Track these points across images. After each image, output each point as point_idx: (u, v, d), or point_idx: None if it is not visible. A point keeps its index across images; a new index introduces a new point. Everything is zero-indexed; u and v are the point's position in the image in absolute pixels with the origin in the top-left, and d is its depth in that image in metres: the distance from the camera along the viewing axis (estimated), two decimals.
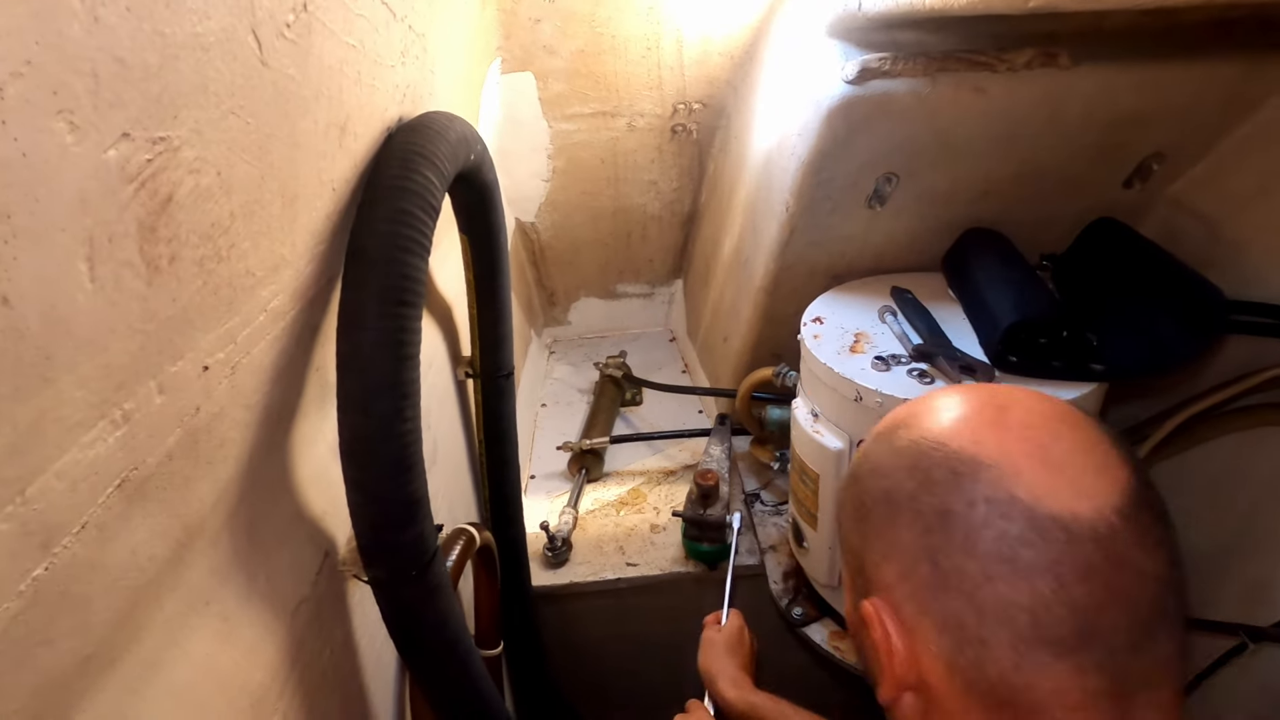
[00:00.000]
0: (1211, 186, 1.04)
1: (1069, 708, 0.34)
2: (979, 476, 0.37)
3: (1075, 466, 0.36)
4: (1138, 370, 0.85)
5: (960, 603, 0.36)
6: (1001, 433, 0.38)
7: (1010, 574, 0.35)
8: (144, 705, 0.42)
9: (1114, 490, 0.35)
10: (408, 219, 0.60)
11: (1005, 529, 0.35)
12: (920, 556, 0.38)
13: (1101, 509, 0.34)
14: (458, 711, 0.74)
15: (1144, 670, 0.34)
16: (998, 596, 0.35)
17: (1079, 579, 0.34)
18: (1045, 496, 0.35)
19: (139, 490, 0.38)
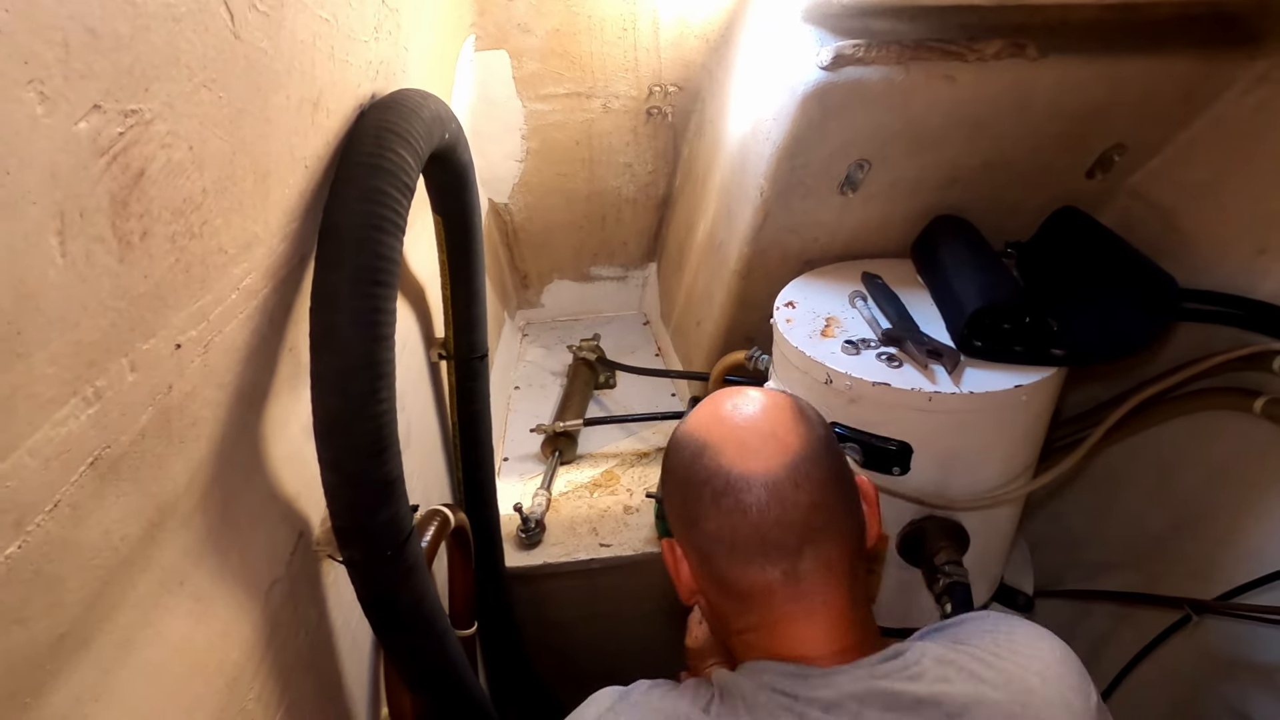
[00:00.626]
0: (1168, 178, 1.07)
1: (761, 587, 0.53)
2: (704, 454, 0.56)
3: (758, 445, 0.54)
4: (1095, 355, 0.89)
5: (699, 535, 0.55)
6: (718, 424, 0.57)
7: (717, 513, 0.54)
8: (118, 684, 0.41)
9: (782, 457, 0.54)
10: (382, 197, 0.59)
11: (715, 485, 0.54)
12: (682, 508, 0.57)
13: (770, 468, 0.53)
14: (433, 690, 0.75)
15: (808, 562, 0.53)
16: (715, 527, 0.54)
17: (760, 511, 0.52)
18: (737, 463, 0.54)
19: (112, 469, 0.38)
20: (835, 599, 0.54)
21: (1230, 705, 0.96)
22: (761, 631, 0.55)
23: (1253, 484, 0.94)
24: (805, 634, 0.54)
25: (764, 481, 0.53)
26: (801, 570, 0.53)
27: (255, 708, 0.54)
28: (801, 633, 0.54)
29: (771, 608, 0.54)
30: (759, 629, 0.55)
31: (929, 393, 0.85)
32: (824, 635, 0.54)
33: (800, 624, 0.54)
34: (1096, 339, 0.88)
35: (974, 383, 0.86)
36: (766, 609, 0.54)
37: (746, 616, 0.55)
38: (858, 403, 0.90)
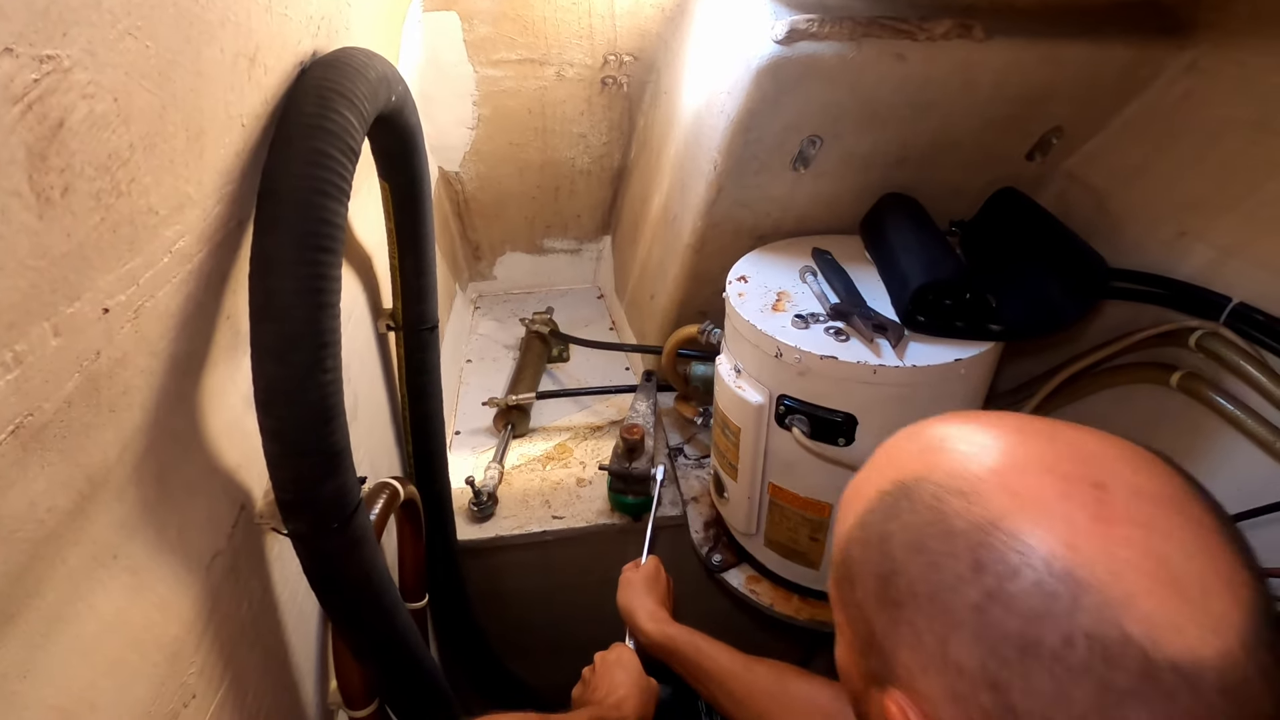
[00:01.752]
0: (1101, 162, 1.12)
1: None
2: (1079, 602, 0.28)
3: (1196, 583, 0.27)
4: (1030, 330, 0.93)
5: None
6: (1105, 531, 0.29)
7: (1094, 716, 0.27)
8: (49, 660, 0.40)
9: (1240, 614, 0.27)
10: (325, 160, 0.57)
11: (1111, 680, 0.27)
12: (981, 685, 0.30)
13: (1228, 646, 0.27)
14: (384, 663, 0.74)
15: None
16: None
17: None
18: (1165, 633, 0.27)
19: (35, 438, 0.36)
20: None
21: None
22: None
23: (1167, 452, 1.00)
24: None
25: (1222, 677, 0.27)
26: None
27: (197, 682, 0.53)
28: None
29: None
30: None
31: (874, 366, 0.88)
32: None
33: None
34: (1031, 315, 0.92)
35: (916, 356, 0.89)
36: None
37: None
38: (806, 375, 0.92)
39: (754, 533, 1.12)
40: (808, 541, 1.05)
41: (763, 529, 1.10)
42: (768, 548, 1.12)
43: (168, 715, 0.49)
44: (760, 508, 1.08)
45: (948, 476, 0.33)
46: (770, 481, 1.04)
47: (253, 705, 0.62)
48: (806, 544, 1.05)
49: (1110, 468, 0.31)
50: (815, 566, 1.07)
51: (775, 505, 1.06)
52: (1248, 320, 0.87)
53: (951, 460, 0.34)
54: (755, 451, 1.02)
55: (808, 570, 1.09)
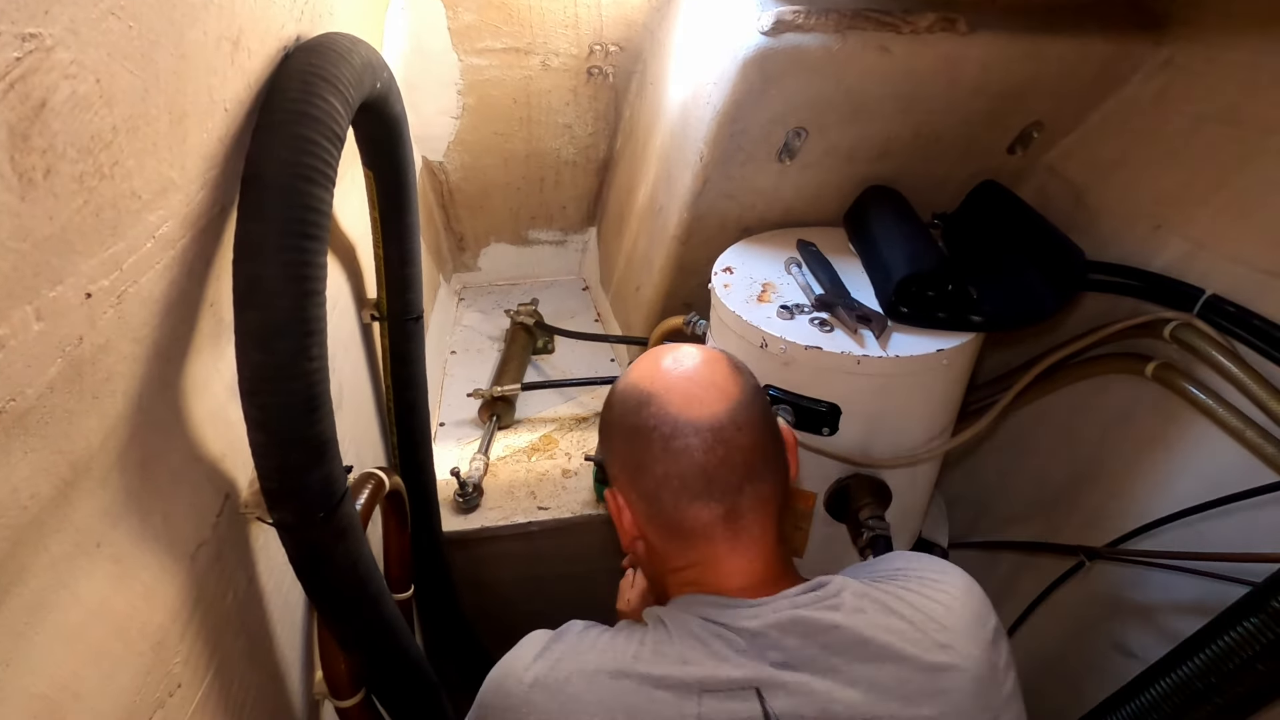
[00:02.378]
0: (1080, 156, 1.14)
1: (704, 524, 0.57)
2: (650, 403, 0.59)
3: (701, 393, 0.58)
4: (1011, 321, 0.94)
5: (647, 479, 0.58)
6: (662, 376, 0.60)
7: (666, 456, 0.57)
8: (32, 648, 0.40)
9: (724, 404, 0.58)
10: (310, 146, 0.57)
11: (663, 431, 0.57)
12: (628, 456, 0.60)
13: (715, 414, 0.57)
14: (369, 652, 0.74)
15: (747, 500, 0.57)
16: (663, 470, 0.57)
17: (702, 453, 0.56)
18: (683, 410, 0.57)
19: (18, 423, 0.36)
20: (767, 535, 0.59)
21: (1115, 641, 1.06)
22: (699, 568, 0.59)
23: (1141, 441, 1.03)
24: (738, 568, 0.58)
25: (710, 425, 0.57)
26: (741, 507, 0.57)
27: (182, 670, 0.53)
28: (735, 567, 0.58)
29: (712, 543, 0.58)
30: (697, 565, 0.59)
31: (858, 356, 0.89)
32: (755, 570, 0.58)
33: (735, 559, 0.58)
34: (1012, 306, 0.94)
35: (899, 347, 0.90)
36: (707, 545, 0.58)
37: (687, 554, 0.59)
38: (791, 366, 0.93)
39: None
40: (791, 530, 1.06)
41: None
42: None
43: (153, 704, 0.49)
44: None
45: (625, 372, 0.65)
46: None
47: (238, 695, 0.62)
48: (790, 532, 1.07)
49: (677, 353, 0.63)
50: (799, 554, 1.08)
51: None
52: (1220, 312, 0.89)
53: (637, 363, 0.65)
54: None
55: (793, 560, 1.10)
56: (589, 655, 0.55)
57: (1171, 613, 0.98)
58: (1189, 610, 0.95)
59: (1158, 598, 1.00)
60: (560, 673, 0.54)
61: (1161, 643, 0.91)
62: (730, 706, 0.50)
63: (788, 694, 0.51)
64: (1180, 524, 0.95)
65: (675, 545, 0.59)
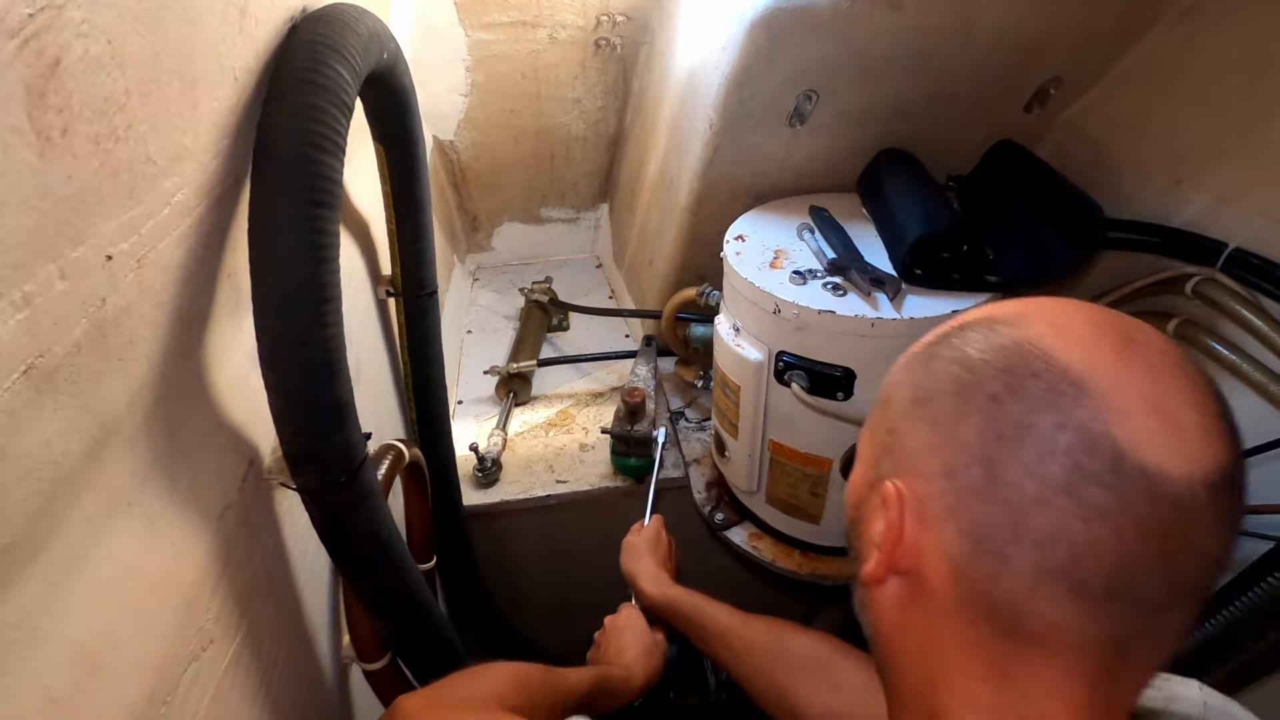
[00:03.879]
0: (1098, 112, 1.11)
1: (1064, 644, 0.32)
2: (1080, 403, 0.32)
3: (1185, 424, 0.32)
4: (1027, 280, 0.93)
5: (1000, 516, 0.33)
6: (1122, 363, 0.33)
7: (1070, 507, 0.31)
8: (69, 601, 0.41)
9: (1214, 460, 0.31)
10: (319, 115, 0.57)
11: (1085, 463, 0.31)
12: (976, 460, 0.34)
13: (1195, 476, 0.31)
14: (393, 615, 0.76)
15: (1152, 632, 0.33)
16: (1046, 524, 0.32)
17: (1139, 538, 0.31)
18: (1144, 445, 0.31)
19: (48, 380, 0.37)
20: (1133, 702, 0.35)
21: None
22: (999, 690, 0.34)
23: None
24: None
25: (1179, 495, 0.31)
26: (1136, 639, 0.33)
27: (214, 628, 0.55)
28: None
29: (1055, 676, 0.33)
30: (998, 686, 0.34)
31: (871, 319, 0.88)
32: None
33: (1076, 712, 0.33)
34: (1029, 265, 0.93)
35: (914, 309, 0.89)
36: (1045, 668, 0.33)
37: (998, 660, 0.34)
38: (804, 331, 0.92)
39: (755, 490, 1.14)
40: (808, 497, 1.07)
41: (764, 486, 1.12)
42: (769, 504, 1.14)
43: (187, 658, 0.51)
44: (761, 465, 1.10)
45: (997, 312, 0.39)
46: (770, 438, 1.05)
47: (269, 656, 0.64)
48: (807, 499, 1.07)
49: (1144, 332, 0.35)
50: (816, 521, 1.09)
51: (776, 462, 1.07)
52: (1244, 265, 0.87)
53: (1008, 305, 0.39)
54: (755, 409, 1.03)
55: (809, 525, 1.11)
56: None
57: None
58: None
59: None
60: None
61: None
62: None
63: None
64: None
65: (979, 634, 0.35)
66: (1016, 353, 0.35)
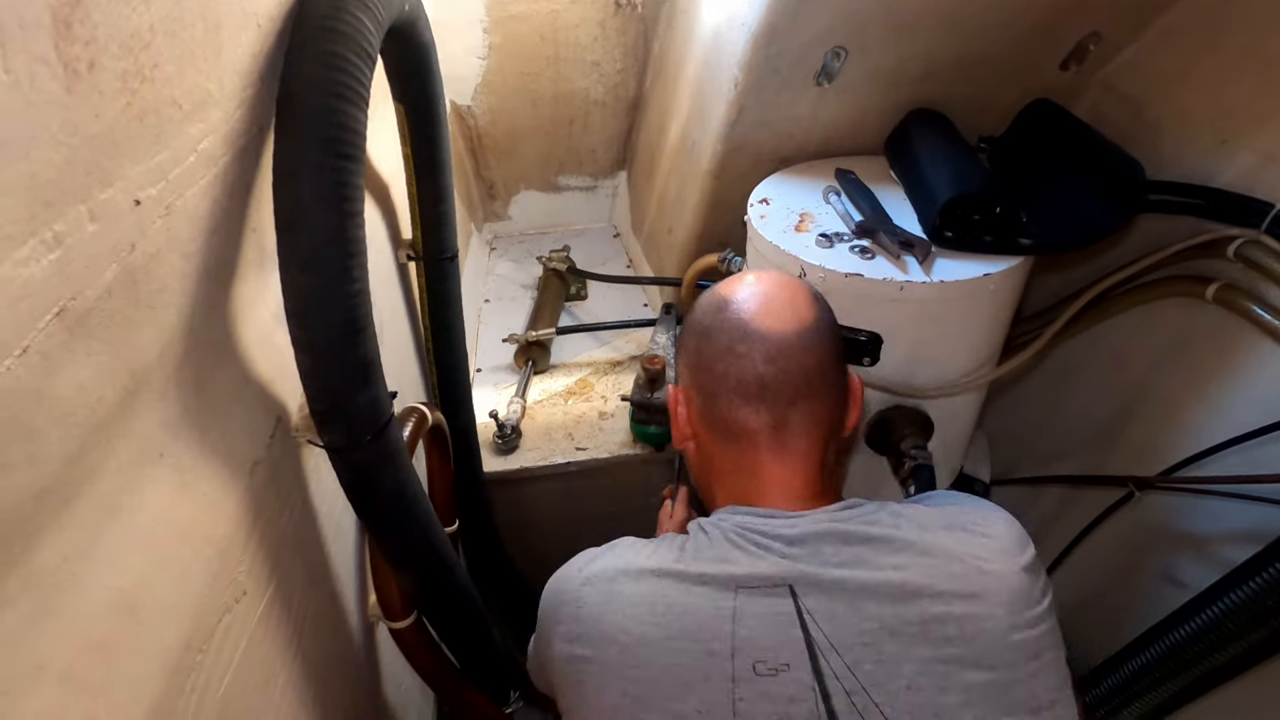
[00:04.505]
0: (1139, 70, 1.07)
1: (752, 429, 0.60)
2: (728, 308, 0.62)
3: (777, 309, 0.61)
4: (1062, 243, 0.90)
5: (707, 377, 0.62)
6: (745, 288, 0.64)
7: (730, 357, 0.60)
8: (106, 546, 0.41)
9: (796, 322, 0.60)
10: (342, 63, 0.56)
11: (732, 334, 0.61)
12: (694, 353, 0.64)
13: (784, 330, 0.60)
14: (418, 573, 0.76)
15: (797, 415, 0.60)
16: (724, 370, 0.60)
17: (762, 361, 0.59)
18: (757, 319, 0.61)
19: (80, 323, 0.37)
20: (812, 454, 0.61)
21: (1164, 572, 1.05)
22: (742, 474, 0.62)
23: (1198, 367, 0.99)
24: (780, 478, 0.60)
25: (776, 338, 0.60)
26: (790, 421, 0.60)
27: (247, 580, 0.55)
28: (777, 476, 0.60)
29: (756, 450, 0.61)
30: (741, 471, 0.62)
31: (900, 282, 0.86)
32: (795, 484, 0.60)
33: (777, 468, 0.60)
34: (1063, 227, 0.90)
35: (944, 272, 0.87)
36: (752, 450, 0.61)
37: (733, 457, 0.62)
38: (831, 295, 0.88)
39: None
40: None
41: None
42: None
43: (221, 607, 0.51)
44: None
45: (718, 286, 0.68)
46: None
47: (299, 611, 0.65)
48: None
49: (761, 274, 0.66)
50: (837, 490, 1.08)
51: None
52: None
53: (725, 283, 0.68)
54: None
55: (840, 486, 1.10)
56: (635, 559, 0.58)
57: (1224, 541, 0.96)
58: (1242, 538, 0.93)
59: (1209, 527, 0.98)
60: (608, 572, 0.58)
61: (1213, 571, 0.89)
62: (765, 602, 0.53)
63: (820, 590, 0.53)
64: (1235, 451, 0.92)
65: (722, 447, 0.62)
66: (708, 298, 0.66)
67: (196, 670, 0.48)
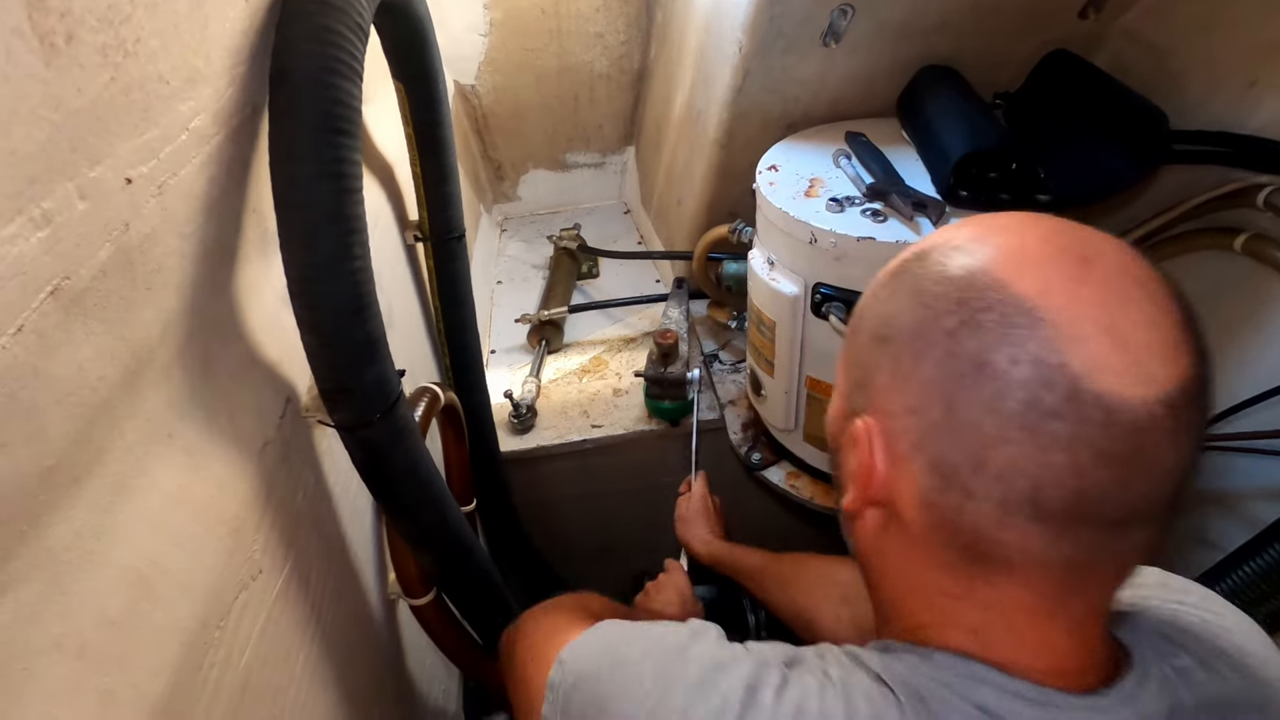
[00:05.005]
0: (1162, 14, 1.03)
1: (1028, 564, 0.34)
2: (1034, 334, 0.32)
3: (1142, 344, 0.31)
4: (1082, 196, 0.88)
5: (963, 454, 0.33)
6: (1078, 287, 0.32)
7: (1028, 442, 0.32)
8: (118, 525, 0.42)
9: (1172, 378, 0.31)
10: (332, 37, 0.55)
11: (1041, 396, 0.31)
12: (937, 398, 0.34)
13: (1151, 397, 0.31)
14: (435, 550, 0.77)
15: (1114, 547, 0.34)
16: (1006, 460, 0.32)
17: (1097, 465, 0.31)
18: (1099, 372, 0.31)
19: (75, 303, 0.37)
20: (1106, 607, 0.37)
21: (1191, 533, 1.02)
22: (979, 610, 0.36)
23: (1227, 320, 0.96)
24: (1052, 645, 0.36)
25: (1136, 419, 0.31)
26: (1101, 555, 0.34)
27: (262, 559, 0.56)
28: (1047, 642, 0.36)
29: (1021, 592, 0.35)
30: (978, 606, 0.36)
31: None
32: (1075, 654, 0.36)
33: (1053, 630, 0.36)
34: (1083, 180, 0.87)
35: None
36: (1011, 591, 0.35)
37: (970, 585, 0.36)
38: (843, 260, 0.89)
39: (792, 428, 1.12)
40: None
41: (801, 424, 1.10)
42: (806, 443, 1.12)
43: (237, 585, 0.52)
44: (798, 403, 1.08)
45: (953, 237, 0.38)
46: (807, 375, 1.03)
47: (316, 588, 0.65)
48: None
49: (1100, 248, 0.34)
50: None
51: (813, 399, 1.05)
52: None
53: (961, 230, 0.38)
54: (791, 345, 1.00)
55: None
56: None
57: (1255, 499, 0.93)
58: (1274, 495, 0.90)
59: (1239, 484, 0.95)
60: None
61: (1244, 530, 0.87)
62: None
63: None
64: (1266, 406, 0.89)
65: (948, 563, 0.36)
66: (970, 283, 0.34)
67: (215, 646, 0.48)
